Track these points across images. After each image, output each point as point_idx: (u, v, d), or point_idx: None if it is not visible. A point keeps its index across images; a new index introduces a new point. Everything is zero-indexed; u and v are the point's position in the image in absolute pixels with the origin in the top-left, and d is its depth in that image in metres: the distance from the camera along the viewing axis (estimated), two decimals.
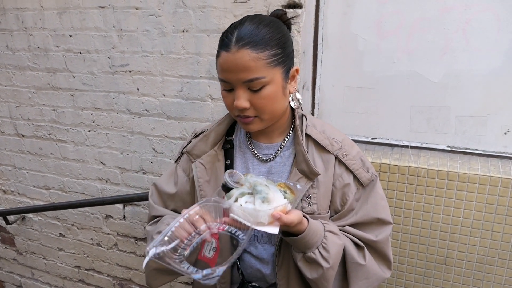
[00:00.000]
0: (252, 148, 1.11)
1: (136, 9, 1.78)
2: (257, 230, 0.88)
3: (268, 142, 1.10)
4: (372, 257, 1.07)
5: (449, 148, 1.56)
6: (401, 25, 1.47)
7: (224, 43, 0.94)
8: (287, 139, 1.09)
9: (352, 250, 1.03)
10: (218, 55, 0.96)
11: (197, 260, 1.09)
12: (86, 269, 2.54)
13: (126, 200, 2.10)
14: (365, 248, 1.05)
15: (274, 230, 0.88)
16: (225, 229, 0.93)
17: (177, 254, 0.88)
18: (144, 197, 2.01)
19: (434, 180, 1.50)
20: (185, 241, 0.90)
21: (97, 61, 1.97)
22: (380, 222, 1.06)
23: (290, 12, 1.54)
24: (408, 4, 1.44)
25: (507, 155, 1.50)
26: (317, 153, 1.06)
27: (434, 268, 1.62)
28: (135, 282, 2.40)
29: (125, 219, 2.26)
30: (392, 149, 1.61)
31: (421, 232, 1.59)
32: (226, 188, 0.94)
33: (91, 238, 2.42)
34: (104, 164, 2.18)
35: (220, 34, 0.89)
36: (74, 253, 2.53)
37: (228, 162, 1.12)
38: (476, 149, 1.53)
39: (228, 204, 0.91)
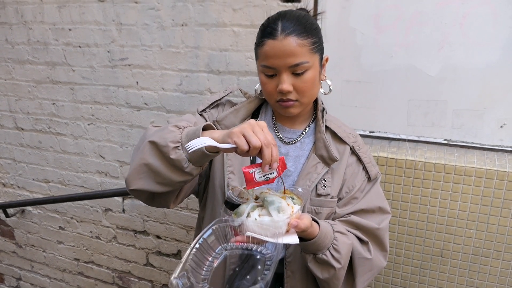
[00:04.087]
0: (277, 130, 1.17)
1: (136, 3, 1.79)
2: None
3: (291, 127, 1.17)
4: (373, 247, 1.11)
5: (446, 142, 1.57)
6: (399, 19, 1.48)
7: (269, 32, 1.00)
8: (308, 128, 1.17)
9: (358, 246, 1.08)
10: (261, 44, 1.02)
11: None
12: (85, 262, 2.55)
13: (125, 193, 2.11)
14: (369, 242, 1.10)
15: (295, 239, 0.86)
16: (243, 247, 0.89)
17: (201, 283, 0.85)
18: None
19: (431, 173, 1.52)
20: (205, 268, 0.87)
21: (96, 54, 1.97)
22: (381, 211, 1.14)
23: (288, 6, 1.54)
24: None
25: (503, 148, 1.51)
26: (334, 144, 1.15)
27: (430, 260, 1.64)
28: (134, 275, 2.42)
29: (124, 212, 2.27)
30: (389, 142, 1.62)
31: (417, 224, 1.60)
32: (232, 205, 0.92)
33: (91, 231, 2.44)
34: (104, 158, 2.19)
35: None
36: (73, 246, 2.54)
37: None
38: (473, 143, 1.54)
39: (240, 220, 0.87)
